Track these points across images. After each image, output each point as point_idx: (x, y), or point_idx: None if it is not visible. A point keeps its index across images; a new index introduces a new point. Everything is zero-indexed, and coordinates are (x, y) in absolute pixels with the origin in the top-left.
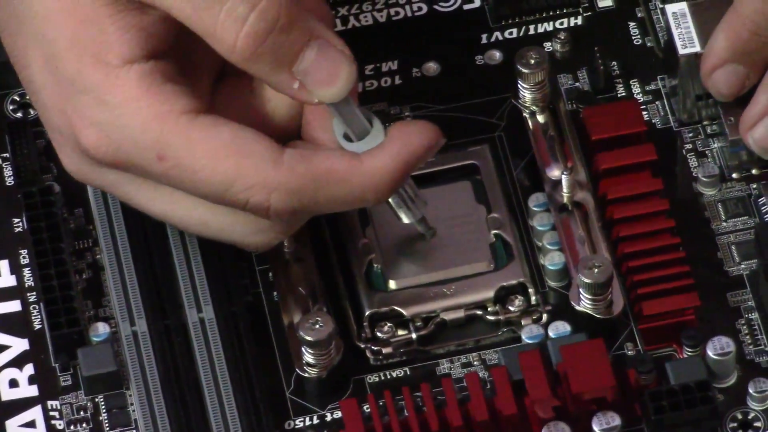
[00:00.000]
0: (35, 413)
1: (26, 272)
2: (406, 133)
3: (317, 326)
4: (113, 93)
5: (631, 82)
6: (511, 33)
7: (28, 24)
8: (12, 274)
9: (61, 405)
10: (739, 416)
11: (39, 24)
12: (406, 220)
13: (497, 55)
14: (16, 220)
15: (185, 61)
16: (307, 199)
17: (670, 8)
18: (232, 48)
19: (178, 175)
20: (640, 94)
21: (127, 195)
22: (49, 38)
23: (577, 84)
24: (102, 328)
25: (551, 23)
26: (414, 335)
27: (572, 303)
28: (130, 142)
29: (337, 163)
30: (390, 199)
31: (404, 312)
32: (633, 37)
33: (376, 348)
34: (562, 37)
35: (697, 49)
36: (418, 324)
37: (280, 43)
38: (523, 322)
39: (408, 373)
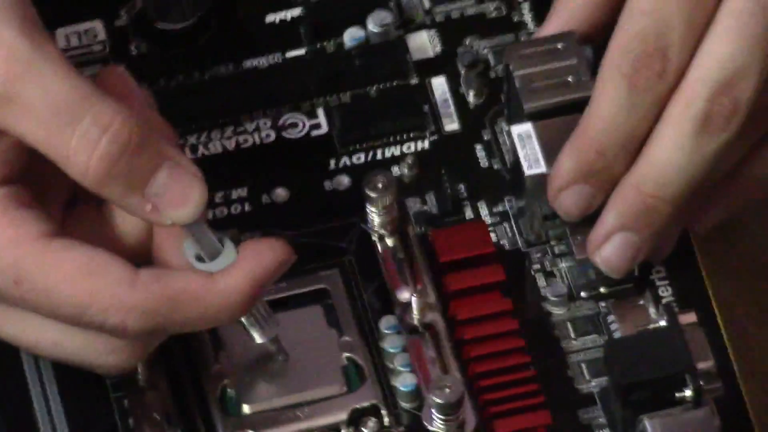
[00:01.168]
0: None
1: None
2: (257, 251)
3: None
4: None
5: (478, 203)
6: (359, 158)
7: None
8: None
9: None
10: None
11: None
12: (258, 339)
13: (345, 180)
14: None
15: (37, 186)
16: (162, 318)
17: (515, 129)
18: (85, 172)
19: (34, 298)
20: (488, 216)
21: None
22: None
23: (425, 207)
24: None
25: (398, 147)
26: None
27: (425, 423)
28: None
29: (192, 282)
30: (243, 318)
31: None
32: (480, 159)
33: None
34: (410, 161)
35: (543, 169)
36: None
37: (132, 166)
38: None
39: None
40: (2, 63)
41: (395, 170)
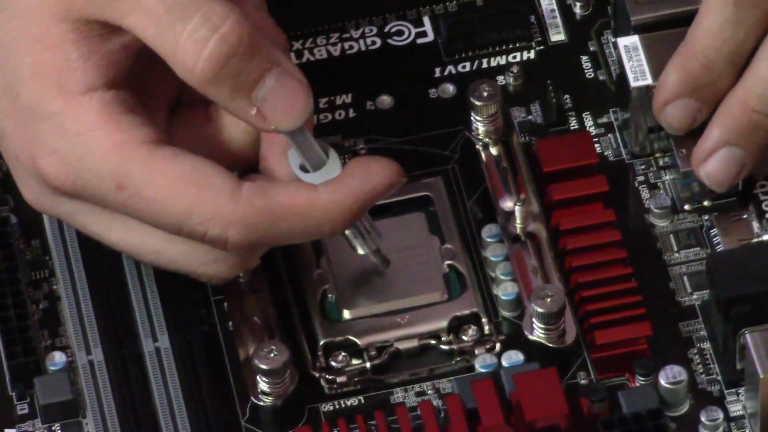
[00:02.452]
0: None
1: None
2: (366, 170)
3: (272, 355)
4: (74, 121)
5: (583, 115)
6: (464, 67)
7: None
8: None
9: None
10: None
11: (1, 52)
12: (361, 251)
13: (450, 88)
14: None
15: (143, 92)
16: (264, 232)
17: (622, 41)
18: (192, 70)
19: (136, 204)
20: (593, 127)
21: (83, 224)
22: (11, 66)
23: (530, 117)
24: (58, 357)
25: (504, 57)
26: (368, 364)
27: (525, 332)
28: (90, 171)
29: (295, 196)
30: (346, 231)
31: (358, 341)
32: (585, 71)
33: (330, 377)
34: (515, 71)
35: (649, 81)
36: (372, 353)
37: (240, 69)
38: (476, 352)
39: (362, 401)
40: None
41: (500, 79)
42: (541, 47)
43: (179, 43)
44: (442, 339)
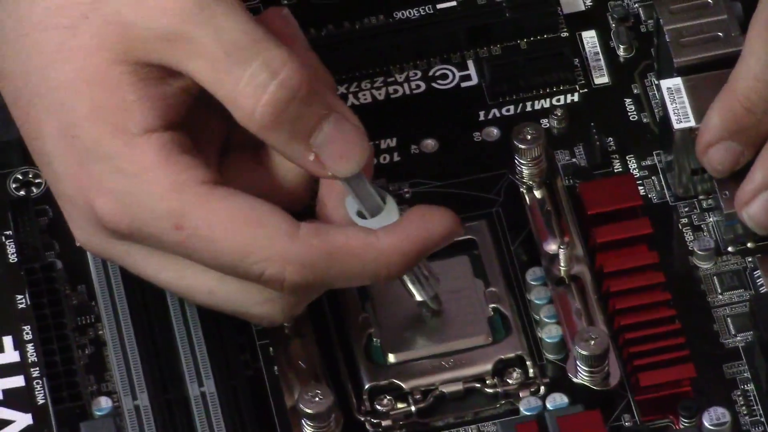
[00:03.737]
0: None
1: (29, 348)
2: (426, 218)
3: (317, 399)
4: (132, 161)
5: (627, 157)
6: (508, 110)
7: (44, 95)
8: (15, 349)
9: None
10: None
11: (57, 94)
12: (418, 297)
13: (494, 131)
14: (19, 297)
15: (196, 135)
16: (321, 272)
17: (665, 83)
18: (251, 116)
19: (194, 244)
20: (636, 170)
21: (135, 264)
22: (67, 107)
23: (574, 159)
24: (104, 402)
25: (548, 100)
26: (413, 408)
27: (569, 375)
28: (147, 211)
29: (353, 238)
30: (405, 276)
31: (403, 385)
32: (629, 113)
33: (375, 421)
34: (559, 114)
35: (692, 123)
36: (417, 397)
37: (299, 114)
38: (521, 394)
39: None
40: (178, 2)
41: (544, 122)
42: (585, 90)
43: (239, 88)
44: (487, 382)
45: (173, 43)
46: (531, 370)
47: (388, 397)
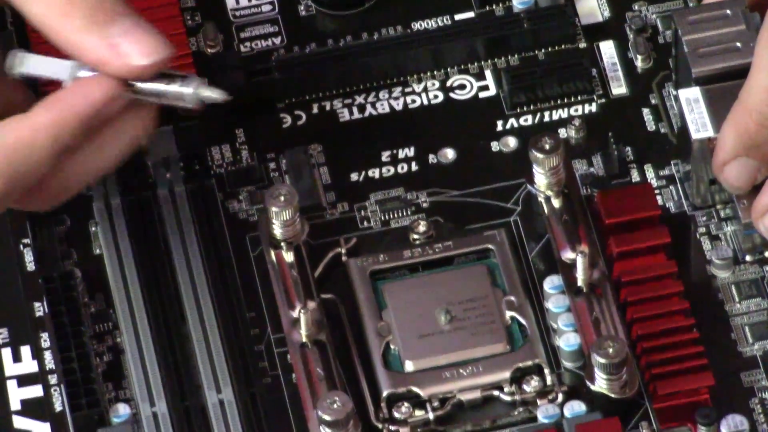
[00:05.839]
0: None
1: (47, 355)
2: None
3: (335, 406)
4: None
5: (645, 167)
6: (526, 120)
7: None
8: (34, 359)
9: None
10: None
11: None
12: (186, 92)
13: (512, 141)
14: (37, 305)
15: None
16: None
17: (683, 93)
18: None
19: None
20: (654, 179)
21: None
22: None
23: (592, 169)
24: (122, 409)
25: (566, 110)
26: (431, 415)
27: (588, 383)
28: None
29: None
30: (149, 86)
31: (421, 392)
32: (647, 123)
33: (393, 428)
34: (577, 124)
35: (710, 133)
36: (435, 404)
37: (96, 4)
38: (539, 402)
39: None
40: None
41: (562, 132)
42: (603, 100)
43: None
44: (505, 390)
45: None
46: (549, 378)
47: (406, 405)
